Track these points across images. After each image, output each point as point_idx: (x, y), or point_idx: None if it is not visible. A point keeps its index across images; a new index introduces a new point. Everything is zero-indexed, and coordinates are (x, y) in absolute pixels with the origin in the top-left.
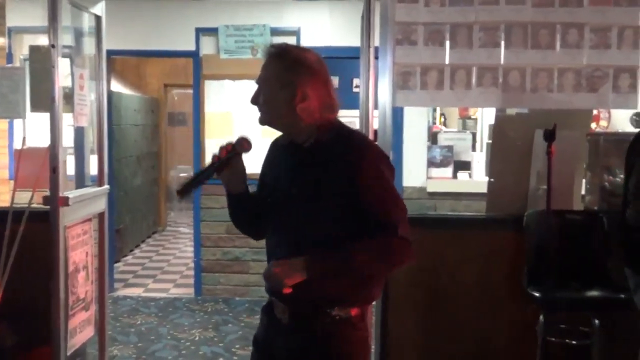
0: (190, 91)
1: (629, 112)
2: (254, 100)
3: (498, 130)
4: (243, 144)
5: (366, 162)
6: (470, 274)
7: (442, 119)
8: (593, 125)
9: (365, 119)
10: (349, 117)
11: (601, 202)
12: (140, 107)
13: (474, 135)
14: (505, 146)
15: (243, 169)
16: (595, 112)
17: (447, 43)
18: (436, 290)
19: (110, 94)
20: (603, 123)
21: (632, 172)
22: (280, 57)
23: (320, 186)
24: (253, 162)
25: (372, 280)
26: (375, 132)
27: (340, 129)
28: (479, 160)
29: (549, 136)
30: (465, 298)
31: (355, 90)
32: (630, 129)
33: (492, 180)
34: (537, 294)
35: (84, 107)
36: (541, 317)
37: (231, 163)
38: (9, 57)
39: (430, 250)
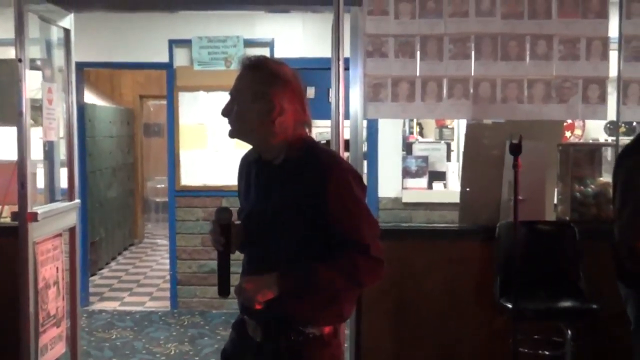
0: (165, 102)
1: (604, 121)
2: (226, 112)
3: (470, 139)
4: (225, 216)
5: (335, 180)
6: (441, 285)
7: (419, 129)
8: (568, 134)
9: (335, 129)
10: (324, 128)
11: (572, 212)
12: (115, 118)
13: (448, 145)
14: (477, 156)
15: (237, 227)
16: (570, 120)
17: (418, 55)
18: (408, 301)
19: (84, 106)
20: (578, 132)
21: (616, 188)
22: (257, 68)
23: (289, 204)
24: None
25: (340, 299)
26: (347, 142)
27: (311, 146)
28: (453, 170)
29: (515, 149)
30: (437, 308)
31: (331, 100)
32: (605, 137)
33: (464, 190)
34: (509, 305)
35: (53, 121)
36: (513, 327)
37: (230, 235)
38: None
39: (402, 260)
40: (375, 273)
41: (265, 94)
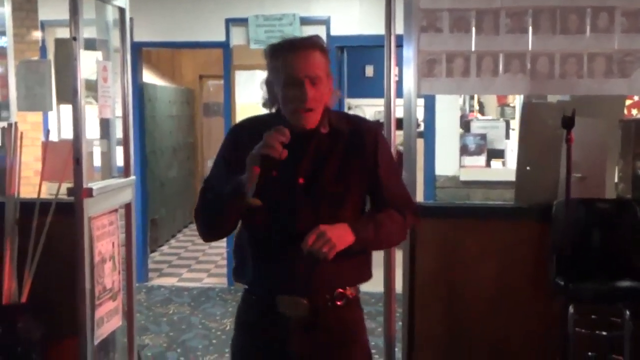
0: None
1: None
2: (314, 101)
3: (526, 118)
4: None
5: (382, 146)
6: (496, 265)
7: (479, 107)
8: (634, 112)
9: (387, 107)
10: (380, 106)
11: (634, 190)
12: (175, 98)
13: (507, 122)
14: (534, 134)
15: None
16: (636, 98)
17: (473, 30)
18: (461, 282)
19: (143, 86)
20: (634, 111)
21: None
22: (323, 49)
23: (351, 170)
24: None
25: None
26: (399, 120)
27: (346, 115)
28: (512, 148)
29: (567, 123)
30: (491, 289)
31: None
32: None
33: (521, 168)
34: (565, 285)
35: (108, 99)
36: (570, 308)
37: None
38: (43, 51)
39: (455, 240)
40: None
41: (330, 72)
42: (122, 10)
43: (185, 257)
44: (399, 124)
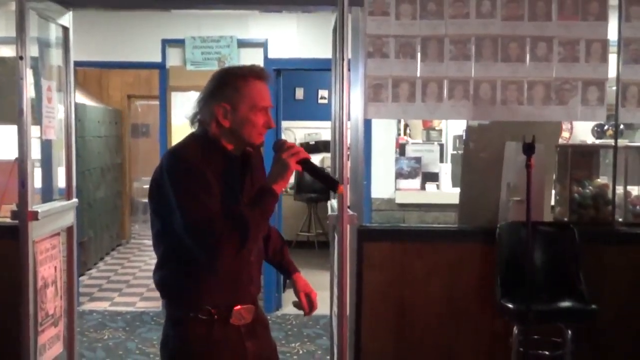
0: (154, 102)
1: (591, 124)
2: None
3: (469, 141)
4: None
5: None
6: (440, 286)
7: (407, 130)
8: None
9: (339, 131)
10: (313, 129)
11: (571, 213)
12: (104, 118)
13: (441, 146)
14: (476, 157)
15: None
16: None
17: (419, 55)
18: (407, 302)
19: (75, 106)
20: (565, 134)
21: None
22: None
23: None
24: None
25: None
26: (326, 143)
27: None
28: (446, 171)
29: (528, 149)
30: (437, 309)
31: (320, 101)
32: (592, 139)
33: (462, 191)
34: (511, 306)
35: (52, 120)
36: (515, 329)
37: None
38: None
39: (400, 261)
40: None
41: None
42: (65, 29)
43: (116, 281)
44: (326, 147)
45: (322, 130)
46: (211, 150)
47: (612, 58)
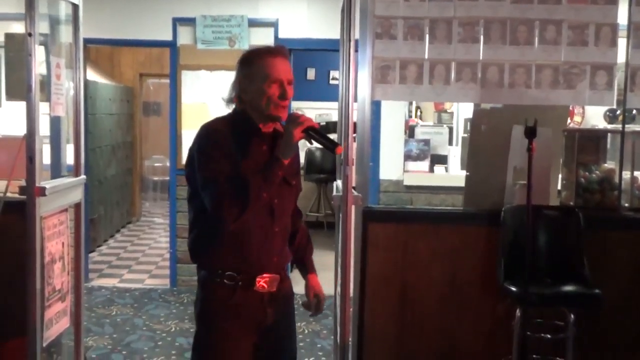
0: (165, 81)
1: (603, 108)
2: (288, 102)
3: (476, 123)
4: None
5: None
6: (444, 268)
7: (418, 113)
8: (567, 121)
9: (345, 111)
10: (324, 109)
11: (577, 198)
12: (115, 96)
13: (450, 129)
14: (483, 140)
15: None
16: (570, 107)
17: (427, 38)
18: (411, 284)
19: (86, 83)
20: (577, 119)
21: None
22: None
23: (294, 166)
24: None
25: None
26: (354, 124)
27: None
28: (455, 154)
29: (530, 133)
30: (440, 291)
31: (332, 82)
32: (604, 124)
33: (469, 174)
34: (513, 289)
35: (61, 97)
36: (518, 311)
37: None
38: None
39: (405, 243)
40: None
41: None
42: (75, 7)
43: (125, 258)
44: (336, 127)
45: (333, 111)
46: (240, 125)
47: (622, 42)
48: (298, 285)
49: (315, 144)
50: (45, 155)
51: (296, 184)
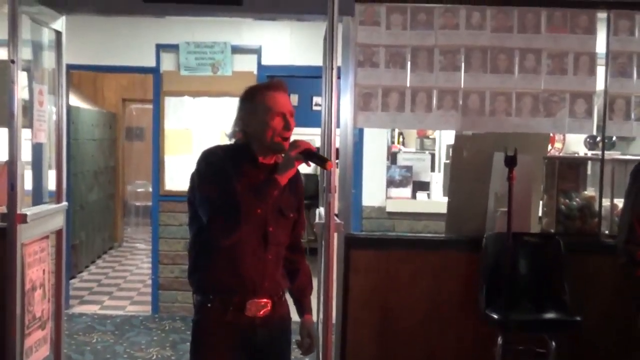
0: (148, 106)
1: (584, 135)
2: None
3: (457, 150)
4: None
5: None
6: (426, 294)
7: (401, 139)
8: (548, 147)
9: (327, 138)
10: (307, 135)
11: (557, 224)
12: (98, 121)
13: (432, 155)
14: (464, 167)
15: None
16: (550, 134)
17: (408, 65)
18: (393, 310)
19: (69, 109)
20: (558, 145)
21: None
22: None
23: (293, 199)
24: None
25: None
26: (337, 150)
27: None
28: (437, 180)
29: (510, 161)
30: (422, 318)
31: (315, 108)
32: (584, 150)
33: (450, 200)
34: (495, 316)
35: (43, 123)
36: (499, 338)
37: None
38: None
39: (387, 270)
40: None
41: None
42: (58, 34)
43: (106, 284)
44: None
45: (316, 137)
46: (241, 155)
47: (600, 71)
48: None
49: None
50: (27, 181)
51: (295, 218)
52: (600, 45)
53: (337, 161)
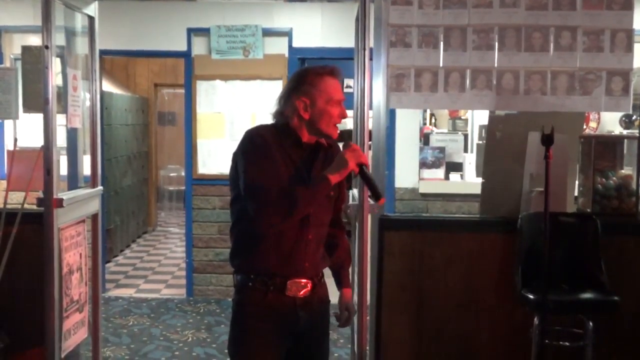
0: (180, 91)
1: (619, 114)
2: None
3: (491, 130)
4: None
5: None
6: (461, 276)
7: (433, 120)
8: (583, 127)
9: (361, 120)
10: None
11: (594, 204)
12: (131, 106)
13: (465, 136)
14: (499, 147)
15: None
16: (585, 113)
17: (441, 45)
18: (427, 292)
19: (102, 94)
20: (593, 124)
21: None
22: None
23: None
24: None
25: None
26: (370, 132)
27: None
28: (470, 161)
29: (547, 140)
30: (457, 300)
31: (346, 90)
32: (620, 130)
33: (485, 181)
34: (531, 297)
35: (77, 109)
36: (535, 319)
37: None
38: (0, 57)
39: (422, 251)
40: None
41: None
42: (91, 19)
43: (141, 268)
44: (350, 135)
45: (346, 120)
46: (286, 136)
47: (638, 48)
48: (334, 295)
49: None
50: (62, 167)
51: (335, 195)
52: (638, 21)
53: (369, 142)
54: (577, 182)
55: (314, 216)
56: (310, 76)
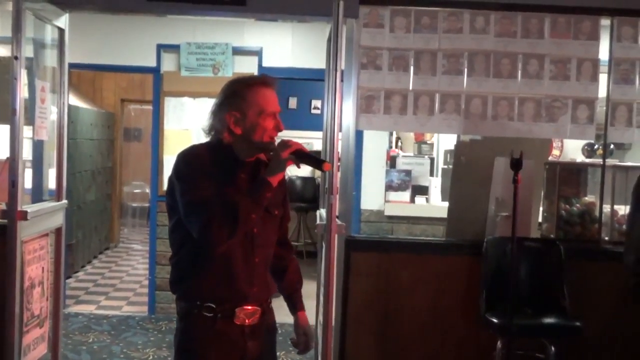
0: (147, 107)
1: (581, 142)
2: None
3: (458, 155)
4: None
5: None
6: (426, 298)
7: (399, 143)
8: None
9: (330, 141)
10: (306, 138)
11: (558, 230)
12: (97, 121)
13: (432, 160)
14: (465, 172)
15: None
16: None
17: (411, 69)
18: (393, 313)
19: (68, 108)
20: (556, 152)
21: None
22: None
23: (279, 197)
24: None
25: None
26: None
27: None
28: (436, 185)
29: (516, 164)
30: (422, 321)
31: (313, 111)
32: (582, 158)
33: (451, 205)
34: (495, 320)
35: (45, 120)
36: (499, 342)
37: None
38: None
39: (387, 273)
40: None
41: None
42: (61, 31)
43: (103, 284)
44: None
45: (314, 140)
46: (221, 155)
47: (603, 77)
48: (279, 314)
49: (296, 172)
50: (27, 179)
51: (280, 214)
52: (603, 51)
53: (338, 164)
54: (541, 208)
55: (260, 236)
56: (240, 88)
